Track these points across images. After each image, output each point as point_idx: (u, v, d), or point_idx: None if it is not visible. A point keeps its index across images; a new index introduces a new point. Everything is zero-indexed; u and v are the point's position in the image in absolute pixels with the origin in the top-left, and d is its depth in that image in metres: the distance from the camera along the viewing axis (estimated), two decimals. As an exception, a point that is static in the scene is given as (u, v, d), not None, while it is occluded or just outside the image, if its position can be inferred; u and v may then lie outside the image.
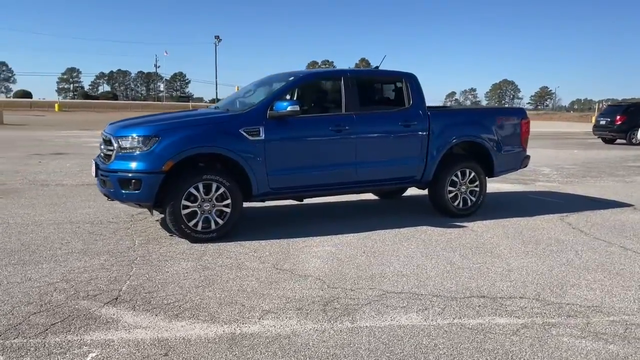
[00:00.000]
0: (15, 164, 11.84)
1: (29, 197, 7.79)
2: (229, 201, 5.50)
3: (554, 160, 15.27)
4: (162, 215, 5.88)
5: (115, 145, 5.36)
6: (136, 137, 5.27)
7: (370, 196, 8.30)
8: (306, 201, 7.60)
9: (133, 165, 5.24)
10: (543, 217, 7.00)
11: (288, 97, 6.05)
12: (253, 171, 5.59)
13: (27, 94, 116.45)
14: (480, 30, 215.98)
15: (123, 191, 5.26)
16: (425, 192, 7.08)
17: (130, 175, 5.22)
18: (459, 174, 6.78)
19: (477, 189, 6.92)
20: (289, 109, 5.60)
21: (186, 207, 5.34)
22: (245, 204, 5.82)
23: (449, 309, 3.78)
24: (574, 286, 4.31)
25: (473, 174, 6.87)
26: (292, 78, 6.17)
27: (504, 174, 7.52)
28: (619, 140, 22.77)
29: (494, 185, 9.84)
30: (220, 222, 5.50)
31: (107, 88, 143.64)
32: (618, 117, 22.17)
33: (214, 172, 5.45)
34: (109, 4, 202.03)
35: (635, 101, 25.75)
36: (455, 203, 6.83)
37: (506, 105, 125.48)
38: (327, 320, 3.55)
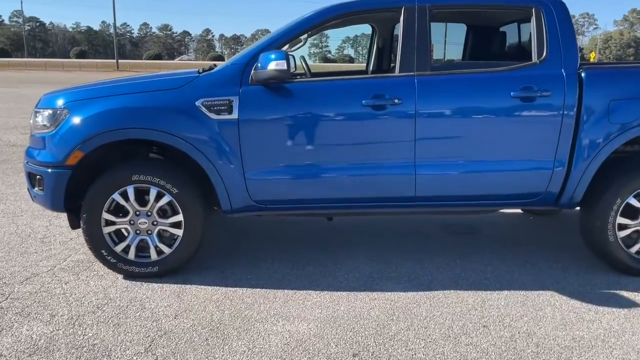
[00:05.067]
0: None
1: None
2: (179, 218, 3.39)
3: None
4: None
5: (31, 121, 3.66)
6: (46, 111, 3.48)
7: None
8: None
9: (35, 153, 3.49)
10: None
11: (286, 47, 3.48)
12: (218, 172, 3.35)
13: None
14: None
15: (34, 189, 3.56)
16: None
17: (33, 167, 3.49)
18: (644, 194, 3.44)
19: (688, 226, 3.47)
20: (269, 67, 3.15)
21: (110, 222, 3.40)
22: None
23: None
24: None
25: (678, 196, 3.43)
26: (310, 13, 3.60)
27: None
28: None
29: None
30: (167, 250, 3.43)
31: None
32: None
33: (153, 170, 3.37)
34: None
35: None
36: (634, 249, 3.52)
37: None
38: None
